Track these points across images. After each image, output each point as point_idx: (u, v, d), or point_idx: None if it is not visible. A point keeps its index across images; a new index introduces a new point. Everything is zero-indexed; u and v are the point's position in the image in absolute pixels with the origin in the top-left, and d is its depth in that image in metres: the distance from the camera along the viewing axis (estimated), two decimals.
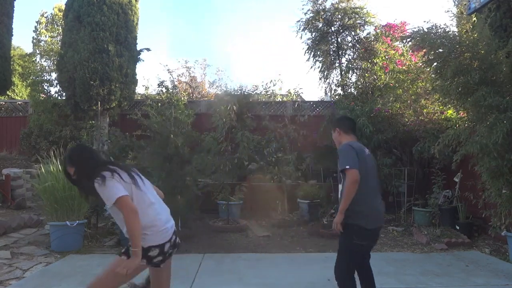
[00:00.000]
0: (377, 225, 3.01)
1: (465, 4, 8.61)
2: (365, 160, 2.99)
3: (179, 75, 14.80)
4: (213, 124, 8.99)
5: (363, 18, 10.32)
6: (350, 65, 10.45)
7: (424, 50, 5.84)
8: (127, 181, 2.36)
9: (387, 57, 9.20)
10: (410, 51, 7.66)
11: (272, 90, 12.15)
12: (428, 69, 6.55)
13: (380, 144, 7.89)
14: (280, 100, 11.86)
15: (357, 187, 2.82)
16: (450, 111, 7.10)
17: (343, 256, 2.99)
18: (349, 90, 10.17)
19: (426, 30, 5.59)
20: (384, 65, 9.10)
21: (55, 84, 10.85)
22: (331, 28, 10.56)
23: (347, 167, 2.84)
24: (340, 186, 3.07)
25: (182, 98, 10.67)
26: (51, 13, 15.43)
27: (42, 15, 15.95)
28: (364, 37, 10.44)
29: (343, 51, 10.72)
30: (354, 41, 10.56)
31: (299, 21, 10.75)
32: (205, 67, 15.15)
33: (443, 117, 7.34)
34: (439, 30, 5.55)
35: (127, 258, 2.27)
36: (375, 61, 9.48)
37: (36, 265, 4.86)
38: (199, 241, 6.26)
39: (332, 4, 10.33)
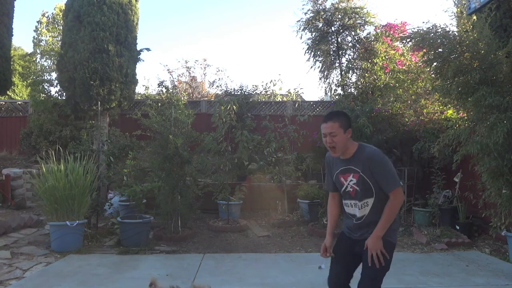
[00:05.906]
0: None
1: (465, 4, 8.60)
2: None
3: (179, 75, 14.81)
4: (213, 124, 8.99)
5: (363, 18, 10.31)
6: (350, 65, 10.44)
7: (424, 50, 5.84)
8: None
9: (387, 57, 9.20)
10: (411, 51, 7.66)
11: (272, 90, 12.16)
12: (428, 69, 6.54)
13: (380, 144, 7.87)
14: (280, 100, 11.86)
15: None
16: (450, 111, 7.10)
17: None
18: (349, 90, 10.17)
19: (426, 30, 5.59)
20: (384, 65, 9.10)
21: (55, 84, 10.84)
22: (331, 28, 10.55)
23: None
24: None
25: (182, 98, 10.66)
26: (52, 13, 15.42)
27: (43, 15, 15.95)
28: (364, 37, 10.43)
29: (343, 51, 10.71)
30: (354, 41, 10.55)
31: (299, 21, 10.76)
32: (205, 67, 15.15)
33: (443, 117, 7.34)
34: (439, 30, 5.55)
35: None
36: (375, 61, 9.47)
37: (36, 265, 4.86)
38: (199, 241, 6.27)
39: (332, 4, 10.33)
